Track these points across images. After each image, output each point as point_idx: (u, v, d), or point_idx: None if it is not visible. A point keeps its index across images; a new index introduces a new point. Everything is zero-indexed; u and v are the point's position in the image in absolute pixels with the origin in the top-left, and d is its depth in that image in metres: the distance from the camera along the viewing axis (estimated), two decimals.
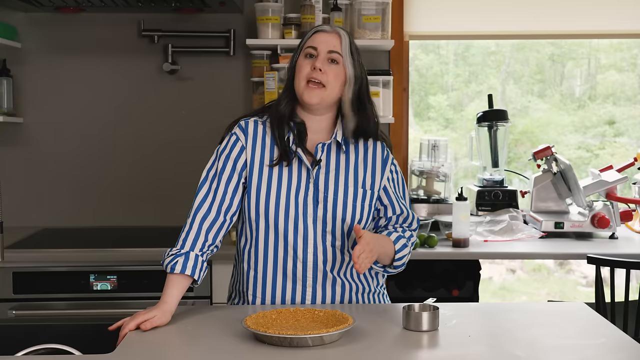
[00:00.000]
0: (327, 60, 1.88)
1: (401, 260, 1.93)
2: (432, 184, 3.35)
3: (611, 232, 3.10)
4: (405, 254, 1.93)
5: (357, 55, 1.93)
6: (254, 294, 1.95)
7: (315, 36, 1.91)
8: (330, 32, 1.92)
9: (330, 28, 1.93)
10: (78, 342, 1.75)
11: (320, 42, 1.90)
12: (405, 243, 1.93)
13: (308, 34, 1.95)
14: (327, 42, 1.89)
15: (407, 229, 1.99)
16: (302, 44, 1.94)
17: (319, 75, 1.87)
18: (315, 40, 1.91)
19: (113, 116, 3.44)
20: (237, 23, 3.39)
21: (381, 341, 1.64)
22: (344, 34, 1.92)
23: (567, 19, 3.47)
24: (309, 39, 1.92)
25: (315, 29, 1.94)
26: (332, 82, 1.89)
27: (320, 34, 1.91)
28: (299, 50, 1.94)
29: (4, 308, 2.75)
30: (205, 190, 1.91)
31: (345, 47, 1.90)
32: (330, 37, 1.90)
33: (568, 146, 4.09)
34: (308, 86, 1.88)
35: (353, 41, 1.94)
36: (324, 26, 1.95)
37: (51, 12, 3.32)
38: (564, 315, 1.88)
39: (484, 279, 3.40)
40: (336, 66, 1.89)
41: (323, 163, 1.93)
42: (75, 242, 3.12)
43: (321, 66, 1.87)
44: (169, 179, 3.44)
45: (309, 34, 1.94)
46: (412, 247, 1.97)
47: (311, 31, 1.94)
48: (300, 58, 1.92)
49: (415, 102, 4.02)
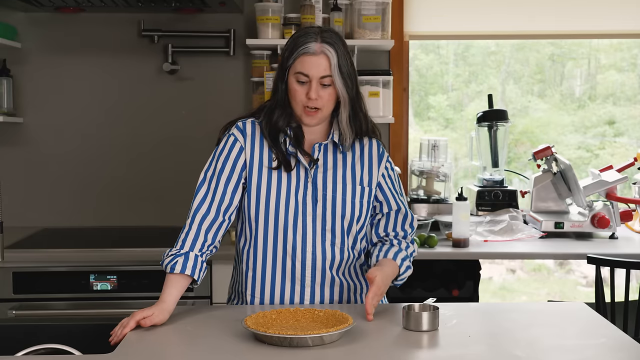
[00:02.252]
0: (320, 85, 1.86)
1: (403, 281, 1.95)
2: (432, 184, 3.35)
3: (611, 232, 3.10)
4: (406, 275, 1.95)
5: (347, 69, 1.87)
6: (253, 295, 1.95)
7: (304, 60, 1.84)
8: (318, 54, 1.84)
9: (319, 48, 1.84)
10: (78, 342, 1.75)
11: (310, 67, 1.84)
12: (409, 265, 1.94)
13: (295, 53, 1.85)
14: (317, 67, 1.84)
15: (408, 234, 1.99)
16: (288, 62, 1.87)
17: (315, 103, 1.87)
18: (305, 66, 1.85)
19: (113, 116, 3.44)
20: (237, 23, 3.39)
21: (381, 341, 1.64)
22: (331, 52, 1.84)
23: (567, 19, 3.47)
24: (297, 61, 1.85)
25: (301, 50, 1.84)
26: (327, 103, 1.89)
27: (309, 57, 1.84)
28: (286, 68, 1.88)
29: (4, 308, 2.75)
30: (204, 191, 1.91)
31: (335, 68, 1.85)
32: (320, 60, 1.84)
33: (568, 146, 4.09)
34: (305, 111, 1.88)
35: (341, 51, 1.87)
36: (309, 45, 1.84)
37: (51, 12, 3.32)
38: (564, 315, 1.88)
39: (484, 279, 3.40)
40: (329, 88, 1.87)
41: (321, 162, 1.94)
42: (75, 242, 3.12)
43: (316, 95, 1.85)
44: (169, 178, 3.44)
45: (295, 53, 1.85)
46: (412, 257, 1.98)
47: (298, 50, 1.85)
48: (291, 79, 1.88)
49: (415, 102, 4.02)
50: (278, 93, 1.92)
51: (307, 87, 1.86)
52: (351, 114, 1.93)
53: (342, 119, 1.92)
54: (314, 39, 1.85)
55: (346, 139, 1.94)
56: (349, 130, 1.94)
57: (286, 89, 1.90)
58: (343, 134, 1.94)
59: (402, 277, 1.94)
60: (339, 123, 1.93)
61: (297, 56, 1.86)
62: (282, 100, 1.91)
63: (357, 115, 1.94)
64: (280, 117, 1.92)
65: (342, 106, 1.91)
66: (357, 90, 1.93)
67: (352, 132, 1.94)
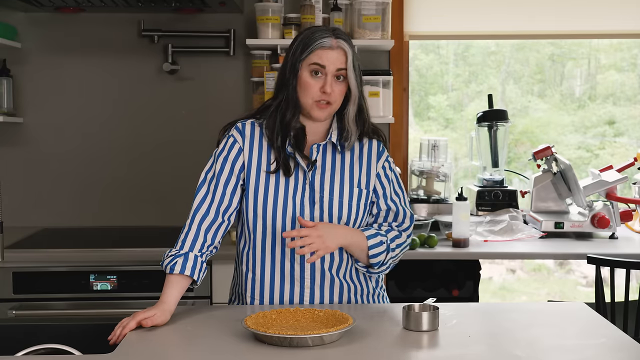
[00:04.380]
0: (334, 78, 1.87)
1: (376, 258, 1.89)
2: (432, 184, 3.35)
3: (611, 232, 3.10)
4: (380, 251, 1.89)
5: (357, 66, 1.90)
6: (252, 296, 1.95)
7: (322, 53, 1.85)
8: (336, 48, 1.85)
9: (335, 42, 1.85)
10: (78, 342, 1.75)
11: (328, 59, 1.85)
12: (382, 240, 1.90)
13: (310, 46, 1.85)
14: (334, 60, 1.85)
15: (393, 229, 1.95)
16: (302, 54, 1.86)
17: (328, 97, 1.86)
18: (322, 58, 1.85)
19: (113, 116, 3.44)
20: (237, 23, 3.39)
21: (381, 341, 1.64)
22: (348, 49, 1.87)
23: (566, 19, 3.47)
24: (314, 54, 1.85)
25: (318, 44, 1.85)
26: (338, 98, 1.89)
27: (326, 50, 1.85)
28: (299, 60, 1.87)
29: (4, 308, 2.75)
30: (204, 192, 1.91)
31: (350, 63, 1.86)
32: (338, 54, 1.85)
33: (568, 146, 4.09)
34: (317, 104, 1.88)
35: (353, 50, 1.89)
36: (326, 40, 1.85)
37: (51, 12, 3.32)
38: (564, 315, 1.88)
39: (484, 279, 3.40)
40: (342, 82, 1.88)
41: (319, 164, 1.93)
42: (75, 242, 3.12)
43: (330, 89, 1.85)
44: (169, 179, 3.44)
45: (311, 47, 1.85)
46: (398, 247, 1.93)
47: (314, 44, 1.85)
48: (304, 73, 1.86)
49: (415, 102, 4.02)
50: (287, 90, 1.89)
51: (321, 81, 1.86)
52: (357, 111, 1.93)
53: (349, 115, 1.92)
54: (329, 35, 1.87)
55: (351, 136, 1.93)
56: (355, 127, 1.93)
57: (296, 84, 1.89)
58: (348, 130, 1.93)
59: (373, 252, 1.88)
60: (346, 119, 1.92)
61: (314, 49, 1.85)
62: (293, 97, 1.89)
63: (362, 113, 1.94)
64: (293, 117, 1.90)
65: (350, 103, 1.91)
66: (362, 90, 1.94)
67: (357, 129, 1.94)
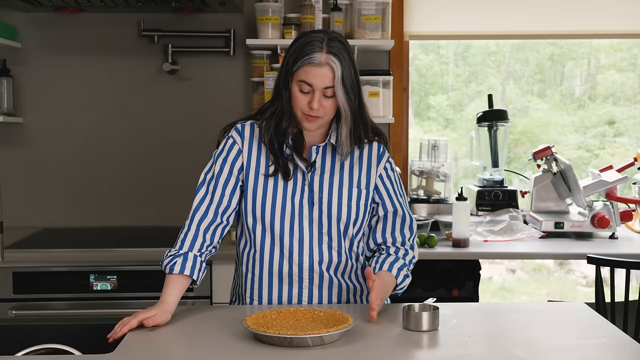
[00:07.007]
0: (322, 95, 1.84)
1: (403, 289, 1.93)
2: (432, 184, 3.35)
3: (611, 232, 3.10)
4: (405, 284, 1.93)
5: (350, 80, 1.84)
6: (252, 297, 1.96)
7: (309, 69, 1.82)
8: (324, 65, 1.81)
9: (324, 58, 1.81)
10: (78, 342, 1.75)
11: (315, 77, 1.82)
12: (407, 274, 1.92)
13: (299, 61, 1.83)
14: (321, 78, 1.82)
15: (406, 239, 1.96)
16: (292, 67, 1.84)
17: (316, 112, 1.85)
18: (309, 75, 1.82)
19: (113, 116, 3.44)
20: (237, 23, 3.39)
21: (381, 341, 1.64)
22: (335, 64, 1.82)
23: (567, 19, 3.47)
24: (301, 70, 1.82)
25: (306, 60, 1.82)
26: (329, 112, 1.87)
27: (313, 67, 1.81)
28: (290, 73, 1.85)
29: (4, 308, 2.75)
30: (203, 193, 1.92)
31: (338, 80, 1.82)
32: (324, 72, 1.82)
33: (568, 146, 4.09)
34: (305, 117, 1.87)
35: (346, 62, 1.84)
36: (314, 55, 1.82)
37: (51, 12, 3.32)
38: (564, 315, 1.88)
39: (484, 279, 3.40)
40: (331, 98, 1.85)
41: (318, 165, 1.93)
42: (75, 242, 3.12)
43: (318, 105, 1.84)
44: (169, 179, 3.44)
45: (300, 62, 1.82)
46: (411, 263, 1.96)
47: (303, 59, 1.82)
48: (294, 87, 1.85)
49: (415, 102, 4.02)
50: (281, 100, 1.89)
51: (309, 97, 1.84)
52: (352, 127, 1.90)
53: (342, 132, 1.90)
54: (319, 48, 1.82)
55: (343, 150, 1.92)
56: (347, 143, 1.92)
57: (289, 96, 1.88)
58: (340, 146, 1.92)
59: (400, 287, 1.91)
60: (339, 135, 1.91)
61: (302, 65, 1.83)
62: (287, 107, 1.89)
63: (357, 128, 1.92)
64: (288, 126, 1.90)
65: (342, 119, 1.89)
66: (360, 101, 1.90)
67: (350, 144, 1.92)
